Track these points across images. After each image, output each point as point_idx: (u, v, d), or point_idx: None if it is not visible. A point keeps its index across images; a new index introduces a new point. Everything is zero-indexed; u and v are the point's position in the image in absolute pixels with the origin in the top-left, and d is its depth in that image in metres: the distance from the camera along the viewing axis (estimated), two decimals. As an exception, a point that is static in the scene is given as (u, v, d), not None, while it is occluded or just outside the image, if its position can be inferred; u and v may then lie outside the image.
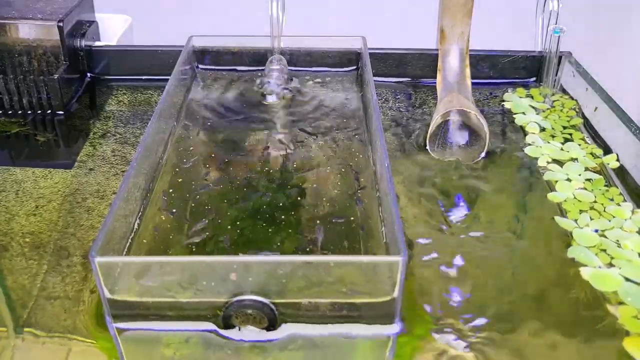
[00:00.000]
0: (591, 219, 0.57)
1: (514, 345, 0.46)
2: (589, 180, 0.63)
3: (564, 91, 0.81)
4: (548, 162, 0.66)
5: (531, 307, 0.49)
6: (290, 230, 0.55)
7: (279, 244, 0.54)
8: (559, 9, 0.78)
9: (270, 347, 0.45)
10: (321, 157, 0.66)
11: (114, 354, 0.45)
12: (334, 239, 0.54)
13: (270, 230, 0.55)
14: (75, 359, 0.45)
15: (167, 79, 0.69)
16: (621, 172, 0.64)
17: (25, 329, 0.47)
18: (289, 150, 0.67)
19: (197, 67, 0.84)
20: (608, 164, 0.66)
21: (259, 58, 0.83)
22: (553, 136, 0.71)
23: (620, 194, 0.61)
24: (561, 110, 0.76)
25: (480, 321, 0.48)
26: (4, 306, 0.49)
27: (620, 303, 0.49)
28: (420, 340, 0.46)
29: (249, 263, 0.44)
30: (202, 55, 0.84)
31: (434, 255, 0.54)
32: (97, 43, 0.85)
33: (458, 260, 0.53)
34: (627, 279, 0.51)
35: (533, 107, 0.77)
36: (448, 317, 0.48)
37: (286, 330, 0.46)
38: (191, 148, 0.67)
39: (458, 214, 0.59)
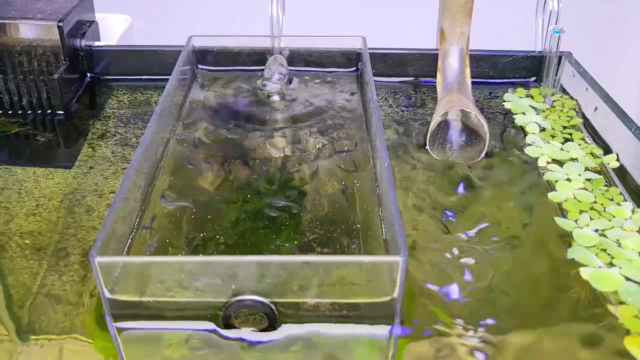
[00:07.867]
0: (591, 218, 0.57)
1: (515, 345, 0.46)
2: (589, 180, 0.63)
3: (564, 91, 0.81)
4: (548, 162, 0.66)
5: (532, 307, 0.49)
6: (290, 231, 0.55)
7: (279, 244, 0.54)
8: (559, 9, 0.78)
9: (270, 347, 0.45)
10: (320, 157, 0.66)
11: (114, 354, 0.45)
12: (333, 239, 0.54)
13: (270, 230, 0.55)
14: (75, 359, 0.45)
15: (167, 79, 0.69)
16: (621, 172, 0.64)
17: (27, 330, 0.47)
18: (288, 151, 0.67)
19: (197, 67, 0.84)
20: (608, 163, 0.66)
21: (259, 58, 0.84)
22: (553, 136, 0.71)
23: (620, 193, 0.61)
24: (561, 110, 0.76)
25: (480, 321, 0.48)
26: (5, 307, 0.49)
27: (621, 303, 0.49)
28: (420, 340, 0.46)
29: (249, 263, 0.44)
30: (202, 55, 0.84)
31: (434, 255, 0.54)
32: (97, 43, 0.85)
33: (457, 260, 0.53)
34: (627, 279, 0.51)
35: (533, 107, 0.77)
36: (448, 316, 0.48)
37: (286, 330, 0.46)
38: (191, 148, 0.67)
39: (457, 213, 0.59)
